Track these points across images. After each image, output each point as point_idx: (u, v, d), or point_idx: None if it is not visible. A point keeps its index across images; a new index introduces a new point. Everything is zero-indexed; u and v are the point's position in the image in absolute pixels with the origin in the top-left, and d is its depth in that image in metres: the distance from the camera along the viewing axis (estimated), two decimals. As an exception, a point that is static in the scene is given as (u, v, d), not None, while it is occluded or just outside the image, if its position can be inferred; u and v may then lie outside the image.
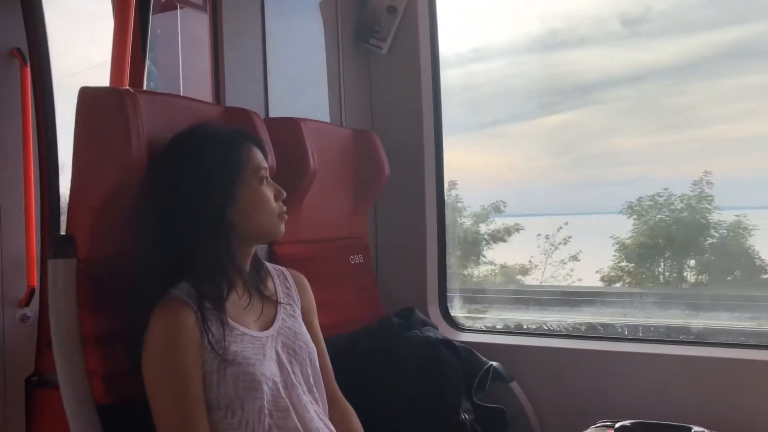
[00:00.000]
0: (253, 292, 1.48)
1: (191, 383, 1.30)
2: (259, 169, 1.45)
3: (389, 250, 2.36)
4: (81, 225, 1.38)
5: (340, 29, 2.31)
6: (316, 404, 1.48)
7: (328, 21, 2.33)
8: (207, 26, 1.89)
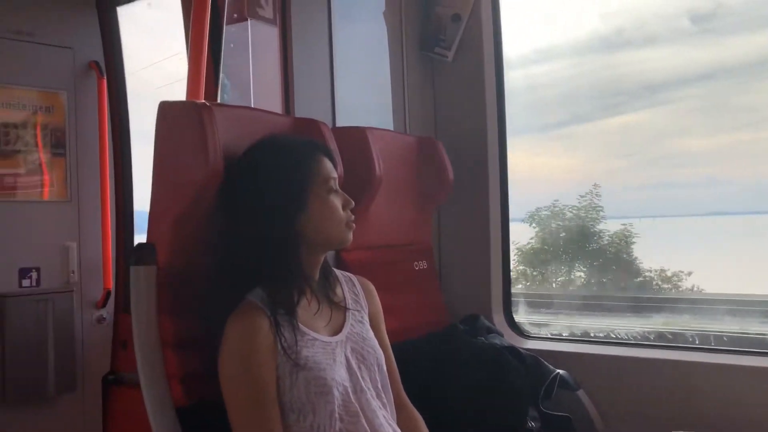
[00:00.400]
0: (322, 298, 1.52)
1: (266, 387, 1.34)
2: (328, 179, 1.48)
3: (453, 256, 2.37)
4: (161, 233, 1.44)
5: (404, 38, 2.33)
6: (384, 409, 1.50)
7: (392, 30, 2.36)
8: (277, 39, 1.94)
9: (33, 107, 2.82)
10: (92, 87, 2.98)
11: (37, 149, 2.82)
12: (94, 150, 2.98)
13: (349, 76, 2.21)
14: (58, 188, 2.88)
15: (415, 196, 2.17)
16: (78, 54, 2.93)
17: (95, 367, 2.96)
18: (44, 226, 2.82)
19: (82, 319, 2.90)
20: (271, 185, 1.44)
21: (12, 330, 2.64)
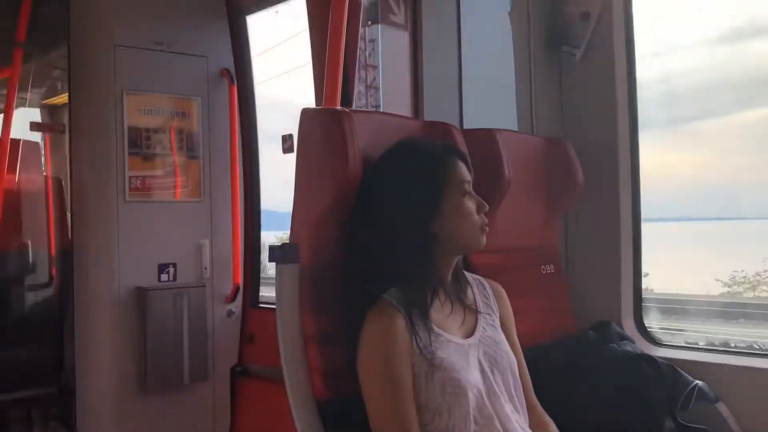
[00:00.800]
0: (454, 300, 1.53)
1: (404, 385, 1.37)
2: (462, 183, 1.50)
3: (581, 260, 2.32)
4: (303, 233, 1.51)
5: (531, 37, 2.31)
6: (517, 414, 1.49)
7: (518, 30, 2.35)
8: (407, 43, 1.97)
9: (170, 113, 3.01)
10: (223, 93, 3.15)
11: (172, 152, 3.01)
12: (224, 153, 3.14)
13: (475, 77, 2.21)
14: (192, 189, 3.06)
15: (542, 199, 2.14)
16: (211, 62, 3.10)
17: (224, 359, 3.12)
18: (180, 224, 3.01)
19: (213, 313, 3.07)
20: (407, 188, 1.47)
21: (153, 321, 2.83)
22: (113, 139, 2.85)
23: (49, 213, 3.42)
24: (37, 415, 3.62)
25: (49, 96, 4.41)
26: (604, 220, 2.28)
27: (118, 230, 2.85)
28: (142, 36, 2.91)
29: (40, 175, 3.74)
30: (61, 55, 3.32)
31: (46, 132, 3.73)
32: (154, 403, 2.90)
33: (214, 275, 3.09)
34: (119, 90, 2.86)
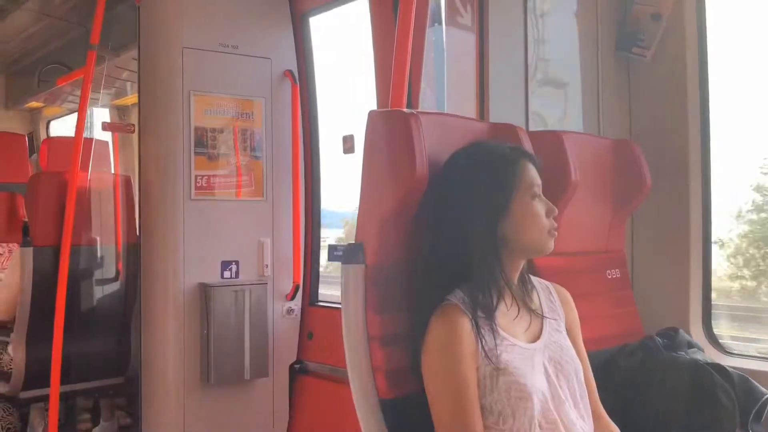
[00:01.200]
0: (520, 304, 1.52)
1: (469, 387, 1.37)
2: (532, 185, 1.48)
3: (647, 265, 2.27)
4: (369, 234, 1.51)
5: (599, 38, 2.27)
6: (582, 420, 1.47)
7: (585, 32, 2.31)
8: (474, 45, 1.97)
9: (234, 113, 3.07)
10: (286, 94, 3.20)
11: (235, 152, 3.07)
12: (286, 153, 3.19)
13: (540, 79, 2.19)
14: (255, 188, 3.12)
15: (609, 202, 2.10)
16: (275, 63, 3.16)
17: (284, 356, 3.17)
18: (243, 223, 3.07)
19: (273, 310, 3.12)
20: (475, 188, 1.46)
21: (216, 317, 2.90)
22: (180, 139, 2.93)
23: (116, 210, 3.54)
24: (104, 404, 3.75)
25: (118, 97, 4.58)
26: (673, 224, 2.22)
27: (184, 228, 2.92)
28: (208, 38, 2.98)
29: (110, 173, 3.88)
30: (130, 57, 3.44)
31: (116, 131, 3.85)
32: (216, 397, 2.97)
33: (274, 273, 3.15)
34: (186, 91, 2.93)
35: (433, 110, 2.10)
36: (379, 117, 1.54)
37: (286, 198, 3.18)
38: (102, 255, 3.51)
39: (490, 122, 1.79)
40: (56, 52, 4.62)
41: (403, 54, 1.67)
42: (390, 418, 1.47)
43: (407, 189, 1.48)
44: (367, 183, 1.55)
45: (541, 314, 1.55)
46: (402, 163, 1.47)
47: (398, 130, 1.48)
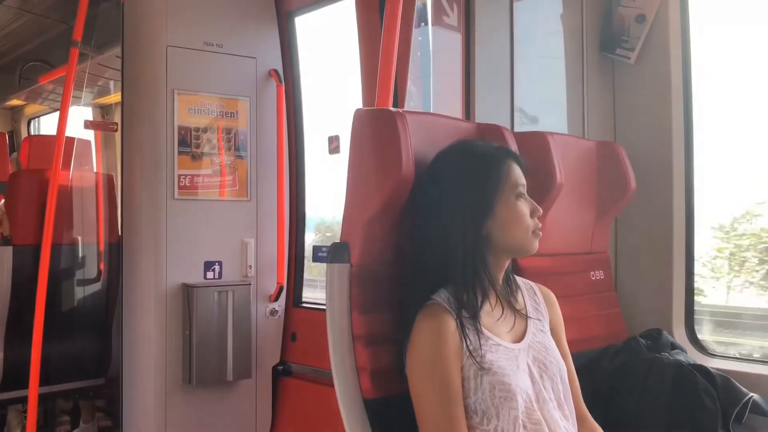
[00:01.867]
0: (504, 304, 1.52)
1: (453, 386, 1.37)
2: (516, 185, 1.48)
3: (631, 267, 2.28)
4: (354, 234, 1.51)
5: (584, 40, 2.28)
6: (566, 421, 1.47)
7: (570, 33, 2.32)
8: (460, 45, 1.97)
9: (218, 113, 3.05)
10: (272, 94, 3.18)
11: (219, 152, 3.05)
12: (271, 153, 3.17)
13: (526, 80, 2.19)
14: (239, 188, 3.09)
15: (593, 204, 2.11)
16: (260, 63, 3.14)
17: (267, 357, 3.15)
18: (226, 223, 3.04)
19: (256, 311, 3.10)
20: (461, 189, 1.46)
21: (198, 318, 2.87)
22: (163, 138, 2.90)
23: (99, 209, 3.50)
24: (84, 406, 3.71)
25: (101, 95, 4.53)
26: (656, 227, 2.24)
27: (167, 227, 2.89)
28: (193, 37, 2.96)
29: (92, 171, 3.84)
30: (114, 55, 3.40)
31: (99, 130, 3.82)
32: (198, 398, 2.94)
33: (258, 274, 3.13)
34: (170, 89, 2.91)
35: (420, 110, 2.10)
36: (365, 115, 1.53)
37: (270, 198, 3.16)
38: (83, 254, 3.47)
39: (476, 122, 1.79)
40: (37, 50, 4.56)
41: (389, 53, 1.66)
42: (374, 419, 1.46)
43: (393, 188, 1.47)
44: (352, 182, 1.54)
45: (526, 314, 1.55)
46: (388, 162, 1.46)
47: (385, 128, 1.48)
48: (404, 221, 1.52)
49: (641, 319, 2.14)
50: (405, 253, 1.51)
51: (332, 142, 2.96)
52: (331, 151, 2.96)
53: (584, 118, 2.29)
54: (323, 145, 2.99)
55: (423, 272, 1.47)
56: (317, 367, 2.99)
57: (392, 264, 1.52)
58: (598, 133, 2.31)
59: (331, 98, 3.70)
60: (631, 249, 2.30)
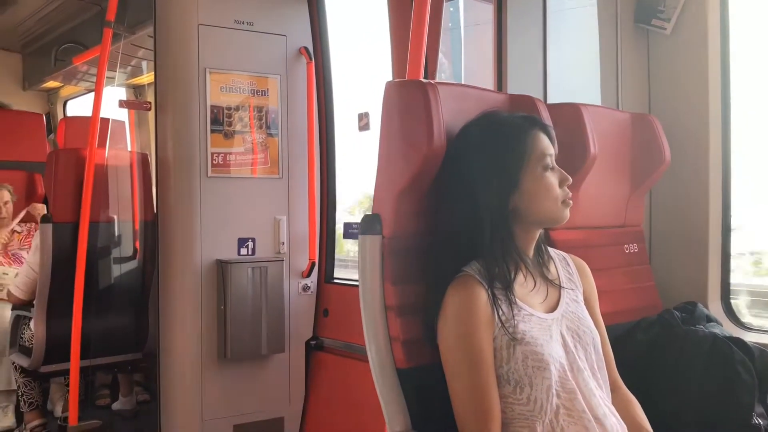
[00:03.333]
0: (536, 275, 1.52)
1: (485, 356, 1.37)
2: (544, 156, 1.47)
3: (666, 240, 2.25)
4: (386, 205, 1.51)
5: (618, 10, 2.24)
6: (600, 390, 1.48)
7: (604, 3, 2.28)
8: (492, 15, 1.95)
9: (250, 91, 3.07)
10: (302, 71, 3.20)
11: (251, 130, 3.08)
12: (302, 131, 3.19)
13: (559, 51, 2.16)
14: (270, 166, 3.12)
15: (627, 176, 2.09)
16: (290, 41, 3.15)
17: (300, 332, 3.19)
18: (259, 200, 3.08)
19: (289, 287, 3.14)
20: (486, 159, 1.45)
21: (233, 293, 2.92)
22: (196, 117, 2.94)
23: (133, 187, 3.56)
24: (122, 380, 3.81)
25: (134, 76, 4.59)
26: (692, 199, 2.20)
27: (201, 205, 2.94)
28: (224, 15, 2.98)
29: (126, 150, 3.90)
30: (146, 35, 3.44)
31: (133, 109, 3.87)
32: (233, 372, 3.00)
33: (290, 250, 3.16)
34: (202, 68, 2.94)
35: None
36: (396, 87, 1.53)
37: (301, 176, 3.19)
38: (120, 232, 3.54)
39: (508, 93, 1.78)
40: (72, 32, 4.63)
41: (420, 25, 1.65)
42: (407, 388, 1.47)
43: (424, 159, 1.47)
44: (384, 154, 1.54)
45: (559, 284, 1.54)
46: (419, 133, 1.46)
47: (416, 100, 1.47)
48: (435, 193, 1.52)
49: (676, 292, 2.11)
50: (436, 226, 1.51)
51: (362, 119, 2.96)
52: (361, 128, 2.97)
53: (618, 90, 2.26)
54: (353, 122, 3.00)
55: (453, 245, 1.47)
56: (349, 341, 3.03)
57: (424, 235, 1.53)
58: (632, 105, 2.27)
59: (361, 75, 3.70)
60: (666, 222, 2.26)
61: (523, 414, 1.38)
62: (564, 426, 1.37)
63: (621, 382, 1.60)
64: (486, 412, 1.35)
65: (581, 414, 1.38)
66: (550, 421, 1.37)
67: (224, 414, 2.99)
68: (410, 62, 1.66)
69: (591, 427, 1.38)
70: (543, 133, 1.49)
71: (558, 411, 1.38)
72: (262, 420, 3.08)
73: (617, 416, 1.46)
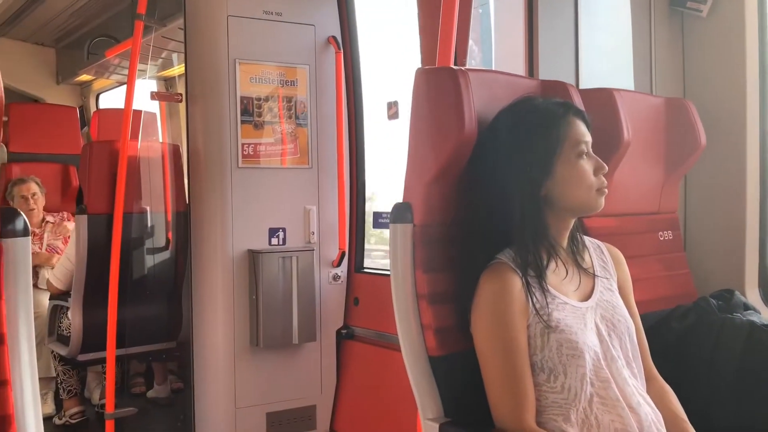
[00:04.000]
0: (571, 263, 1.50)
1: (519, 344, 1.37)
2: (579, 143, 1.45)
3: (701, 227, 2.21)
4: (416, 193, 1.51)
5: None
6: (635, 379, 1.47)
7: (637, -15, 2.24)
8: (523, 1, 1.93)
9: (279, 81, 3.08)
10: (330, 61, 3.19)
11: (280, 120, 3.09)
12: (331, 121, 3.20)
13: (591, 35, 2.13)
14: (300, 156, 3.13)
15: (661, 162, 2.05)
16: (319, 30, 3.15)
17: (331, 321, 3.21)
18: (289, 190, 3.09)
19: (319, 276, 3.16)
20: (519, 146, 1.44)
21: (264, 282, 2.95)
22: (227, 108, 2.96)
23: (165, 178, 3.60)
24: (157, 368, 3.87)
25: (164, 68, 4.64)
26: (728, 185, 2.16)
27: (232, 195, 2.97)
28: (253, 6, 2.98)
29: (158, 142, 3.94)
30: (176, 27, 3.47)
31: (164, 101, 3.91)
32: (265, 361, 3.03)
33: (320, 240, 3.17)
34: (232, 59, 2.95)
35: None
36: (426, 74, 1.52)
37: (331, 165, 3.20)
38: (152, 223, 3.58)
39: (540, 79, 1.76)
40: (104, 25, 4.69)
41: (450, 11, 1.64)
42: (440, 376, 1.48)
43: (455, 147, 1.46)
44: (414, 142, 1.54)
45: (593, 273, 1.53)
46: (450, 121, 1.46)
47: (446, 86, 1.47)
48: (467, 181, 1.51)
49: (712, 280, 2.08)
50: (468, 214, 1.51)
51: (391, 107, 2.96)
52: (390, 116, 2.96)
53: (651, 74, 2.22)
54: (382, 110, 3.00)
55: (486, 232, 1.47)
56: (379, 330, 3.04)
57: (456, 224, 1.52)
58: (666, 90, 2.23)
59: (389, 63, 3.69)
60: (702, 208, 2.22)
61: (557, 402, 1.37)
62: (598, 414, 1.36)
63: (656, 371, 1.58)
64: (520, 399, 1.35)
65: (615, 402, 1.37)
66: (583, 409, 1.36)
67: (257, 402, 3.02)
68: (440, 49, 1.65)
69: (625, 415, 1.37)
70: (579, 119, 1.47)
71: (592, 399, 1.37)
72: (294, 408, 3.10)
73: (652, 405, 1.45)
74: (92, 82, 5.67)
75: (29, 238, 1.13)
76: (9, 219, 1.09)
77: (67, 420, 3.57)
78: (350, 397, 3.20)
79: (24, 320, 1.10)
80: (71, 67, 5.33)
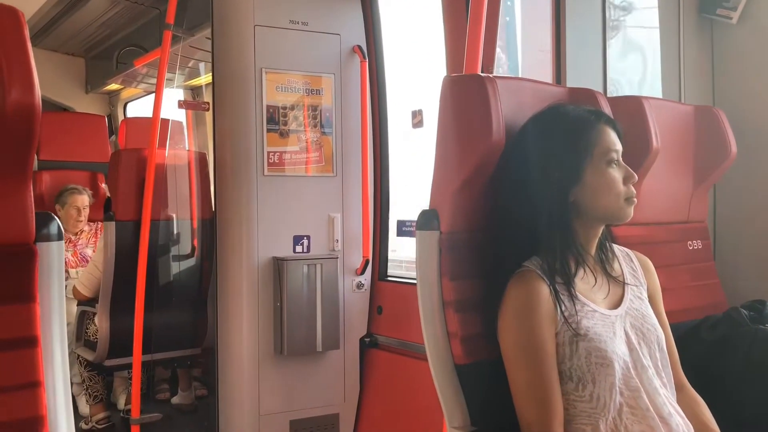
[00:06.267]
0: (600, 271, 1.49)
1: (547, 352, 1.36)
2: (609, 151, 1.43)
3: (731, 236, 2.18)
4: (443, 200, 1.51)
5: (681, 1, 2.18)
6: (665, 388, 1.44)
7: (666, -7, 2.22)
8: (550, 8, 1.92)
9: (304, 90, 3.10)
10: (356, 70, 3.21)
11: (305, 129, 3.11)
12: (356, 129, 3.21)
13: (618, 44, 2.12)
14: (325, 165, 3.15)
15: (691, 171, 2.03)
16: (344, 39, 3.17)
17: (354, 329, 3.21)
18: (314, 199, 3.11)
19: (343, 284, 3.16)
20: (548, 153, 1.43)
21: (289, 290, 2.96)
22: (253, 116, 2.98)
23: (191, 186, 3.64)
24: (182, 374, 3.90)
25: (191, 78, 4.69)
26: (759, 193, 2.13)
27: (258, 203, 2.99)
28: (279, 15, 3.01)
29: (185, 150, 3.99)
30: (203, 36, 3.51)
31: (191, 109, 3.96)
32: (289, 368, 3.04)
33: (344, 248, 3.18)
34: (259, 68, 2.98)
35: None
36: (454, 82, 1.52)
37: (355, 174, 3.21)
38: (178, 230, 3.62)
39: (568, 87, 1.75)
40: (132, 35, 4.77)
41: (477, 18, 1.64)
42: (466, 384, 1.47)
43: (483, 154, 1.46)
44: (441, 149, 1.53)
45: (623, 281, 1.51)
46: (478, 128, 1.45)
47: (474, 94, 1.47)
48: (494, 188, 1.51)
49: (743, 290, 2.04)
50: (495, 221, 1.50)
51: (415, 116, 2.96)
52: (415, 125, 2.97)
53: (680, 82, 2.20)
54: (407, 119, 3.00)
55: (513, 239, 1.46)
56: (403, 339, 3.03)
57: (482, 231, 1.51)
58: (696, 98, 2.21)
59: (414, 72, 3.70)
60: (731, 217, 2.19)
61: (585, 411, 1.35)
62: (628, 424, 1.34)
63: (686, 381, 1.55)
64: (549, 408, 1.33)
65: (645, 412, 1.35)
66: (613, 419, 1.34)
67: (281, 409, 3.03)
68: (468, 56, 1.65)
69: (656, 425, 1.35)
70: (610, 127, 1.46)
71: (621, 409, 1.35)
72: (317, 416, 3.10)
73: (683, 416, 1.42)
74: (120, 91, 5.75)
75: (63, 242, 1.15)
76: (44, 223, 1.11)
77: (94, 425, 3.60)
78: (373, 406, 3.19)
79: (57, 323, 1.11)
80: (100, 77, 5.42)
